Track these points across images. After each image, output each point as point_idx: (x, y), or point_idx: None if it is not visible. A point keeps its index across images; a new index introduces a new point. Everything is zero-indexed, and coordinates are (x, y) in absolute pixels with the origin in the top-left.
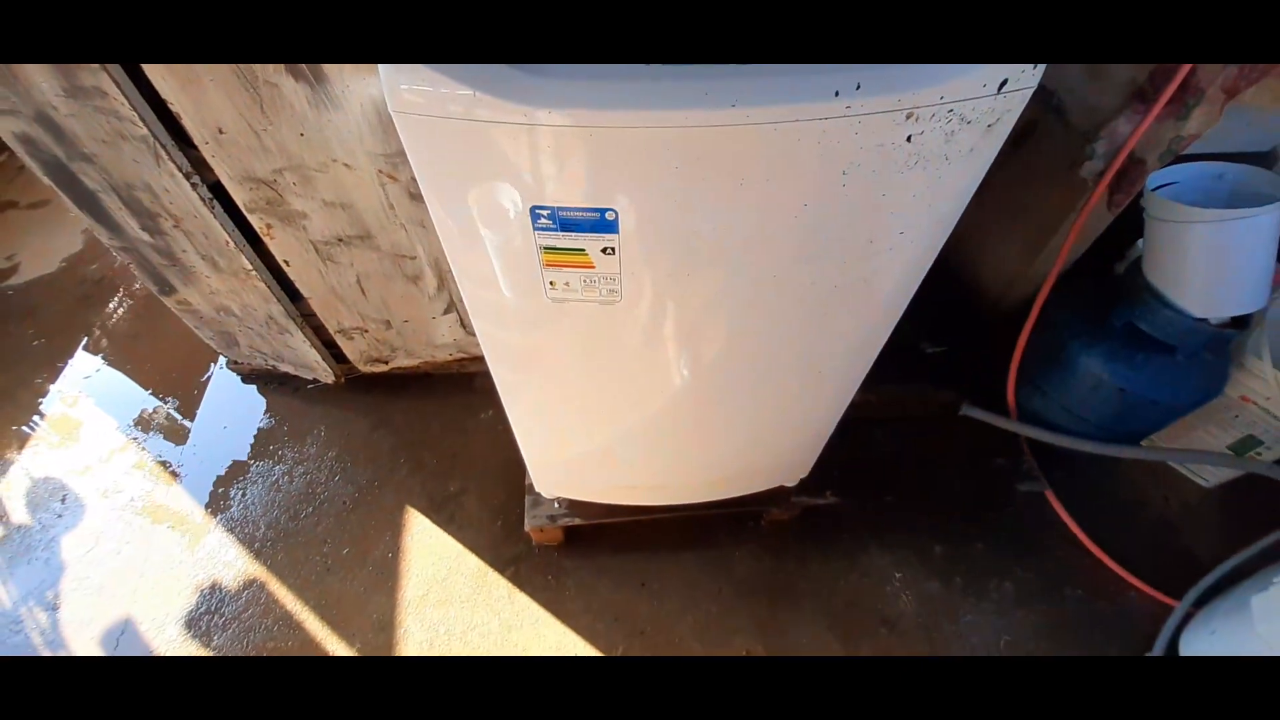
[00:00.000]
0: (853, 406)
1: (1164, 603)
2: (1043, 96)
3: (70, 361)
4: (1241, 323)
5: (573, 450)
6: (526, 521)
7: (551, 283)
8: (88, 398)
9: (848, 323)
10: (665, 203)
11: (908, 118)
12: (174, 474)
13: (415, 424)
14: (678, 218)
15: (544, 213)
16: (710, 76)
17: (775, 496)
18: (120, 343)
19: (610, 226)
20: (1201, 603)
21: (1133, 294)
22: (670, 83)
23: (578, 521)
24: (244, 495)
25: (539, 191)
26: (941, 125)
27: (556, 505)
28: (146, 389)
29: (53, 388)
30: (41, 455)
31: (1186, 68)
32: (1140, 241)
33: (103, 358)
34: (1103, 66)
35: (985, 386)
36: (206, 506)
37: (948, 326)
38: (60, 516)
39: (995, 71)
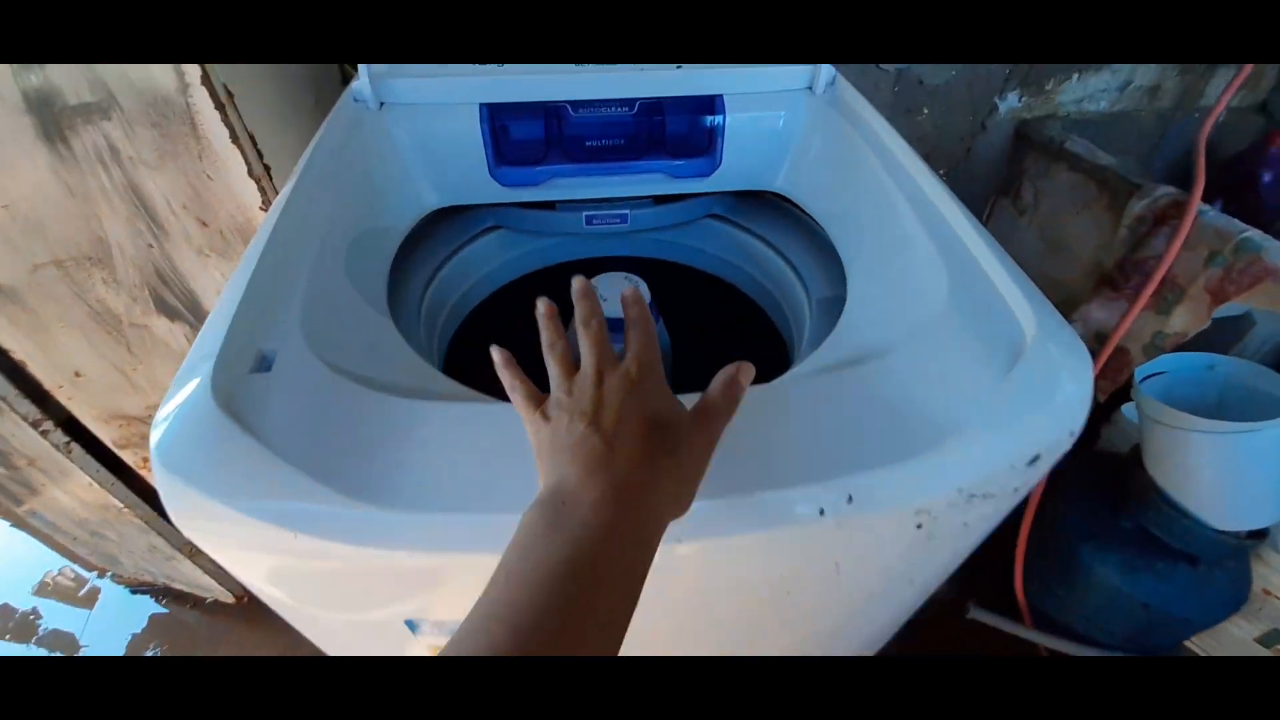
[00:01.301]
0: None
1: None
2: None
3: None
4: (1262, 534)
5: None
6: None
7: None
8: None
9: (848, 644)
10: None
11: (917, 513)
12: None
13: None
14: None
15: (425, 623)
16: None
17: None
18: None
19: None
20: None
21: (1140, 494)
22: None
23: None
24: None
25: (411, 608)
26: (960, 510)
27: None
28: (24, 596)
29: None
30: None
31: (1165, 264)
32: (1125, 409)
33: None
34: (1059, 243)
35: (992, 578)
36: None
37: None
38: None
39: (1026, 448)
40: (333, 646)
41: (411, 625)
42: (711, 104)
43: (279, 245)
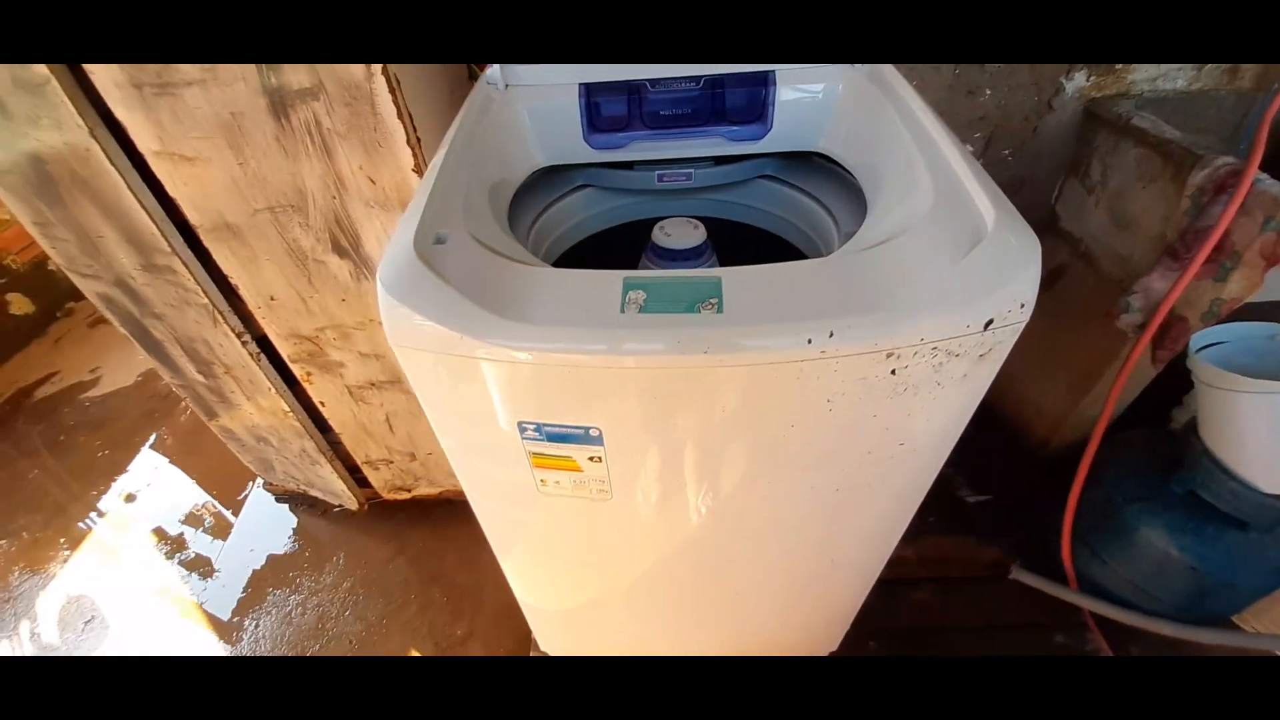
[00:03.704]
0: (888, 564)
1: None
2: (1069, 242)
3: (123, 477)
4: None
5: (574, 614)
6: None
7: (542, 480)
8: (133, 518)
9: (857, 519)
10: (647, 424)
11: (889, 356)
12: (196, 602)
13: (431, 553)
14: (661, 436)
15: (530, 426)
16: (684, 325)
17: None
18: (173, 458)
19: (595, 440)
20: None
21: (1191, 459)
22: (644, 330)
23: None
24: (256, 627)
25: (525, 410)
26: (927, 360)
27: None
28: (188, 508)
29: (102, 504)
30: (81, 571)
31: (1219, 230)
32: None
33: (155, 473)
34: (1126, 219)
35: (1037, 542)
36: (219, 638)
37: (991, 471)
38: (83, 638)
39: (979, 310)
40: (458, 451)
41: (521, 427)
42: (765, 79)
43: (446, 175)
